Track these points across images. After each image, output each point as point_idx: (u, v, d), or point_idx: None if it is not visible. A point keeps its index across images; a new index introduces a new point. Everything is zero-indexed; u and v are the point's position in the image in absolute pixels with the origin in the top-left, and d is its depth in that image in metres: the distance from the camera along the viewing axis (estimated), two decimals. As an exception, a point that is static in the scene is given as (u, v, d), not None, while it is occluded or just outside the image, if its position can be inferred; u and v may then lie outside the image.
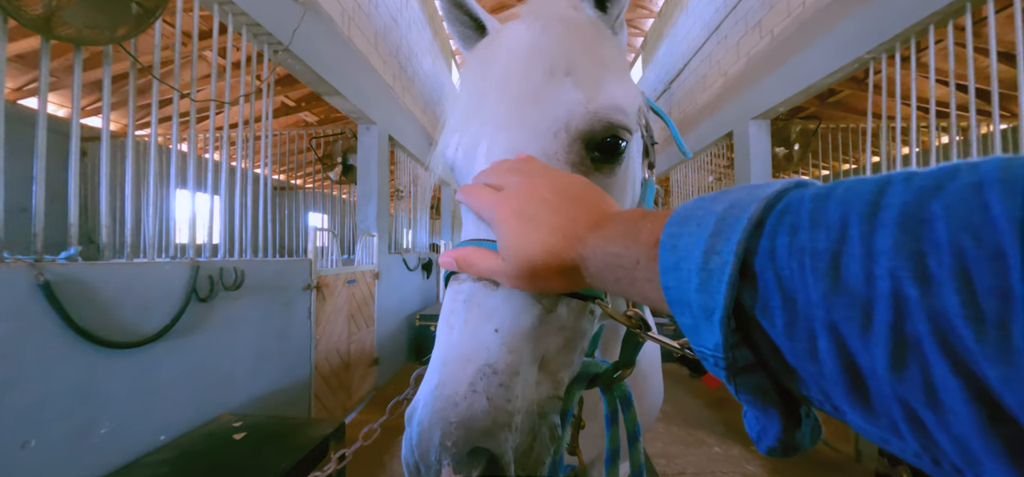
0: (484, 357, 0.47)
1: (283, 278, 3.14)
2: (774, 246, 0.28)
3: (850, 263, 0.25)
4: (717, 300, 0.30)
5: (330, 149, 5.91)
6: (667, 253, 0.34)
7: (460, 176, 0.64)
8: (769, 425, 0.33)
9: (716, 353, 0.32)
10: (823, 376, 0.27)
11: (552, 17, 0.64)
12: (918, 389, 0.22)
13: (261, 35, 2.97)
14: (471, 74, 0.67)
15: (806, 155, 5.49)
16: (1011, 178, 0.21)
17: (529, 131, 0.57)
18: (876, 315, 0.23)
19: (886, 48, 3.20)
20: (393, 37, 5.49)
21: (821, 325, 0.26)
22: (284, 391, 3.12)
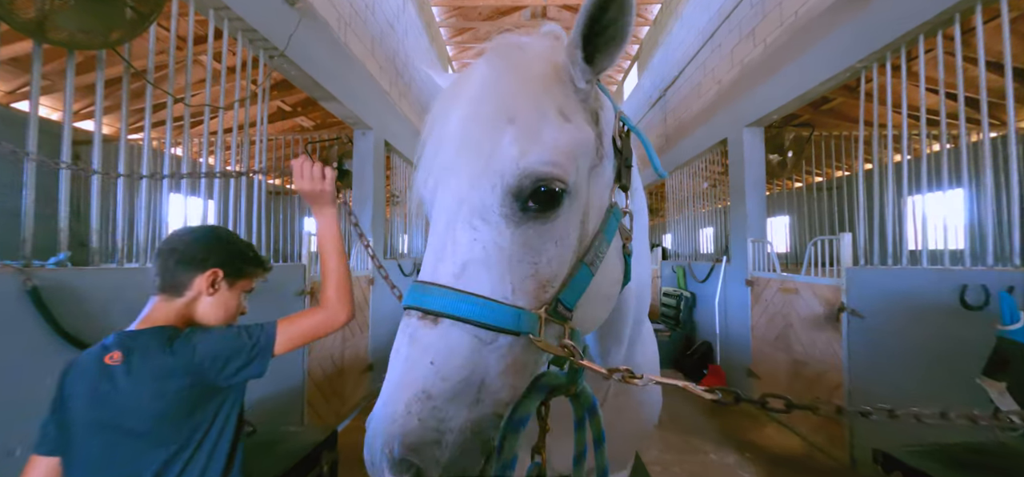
0: (421, 384, 0.56)
1: (277, 283, 3.12)
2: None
3: None
4: None
5: (326, 154, 5.91)
6: None
7: (428, 214, 0.72)
8: None
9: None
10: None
11: (511, 60, 0.68)
12: None
13: (257, 40, 2.97)
14: (437, 112, 0.71)
15: (800, 162, 5.54)
16: None
17: (469, 182, 0.62)
18: None
19: (877, 57, 3.24)
20: (389, 43, 5.50)
21: None
22: (276, 398, 3.09)
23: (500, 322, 0.58)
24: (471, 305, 0.58)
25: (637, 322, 1.06)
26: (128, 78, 2.16)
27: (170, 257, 1.19)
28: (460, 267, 0.61)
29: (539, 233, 0.64)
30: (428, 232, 0.70)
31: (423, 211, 0.74)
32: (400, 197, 6.30)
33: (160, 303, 1.19)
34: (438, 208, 0.65)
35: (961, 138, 2.77)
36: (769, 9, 4.49)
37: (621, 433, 1.22)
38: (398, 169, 6.23)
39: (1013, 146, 2.47)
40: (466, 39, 9.86)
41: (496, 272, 0.61)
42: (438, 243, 0.64)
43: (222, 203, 2.85)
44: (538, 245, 0.64)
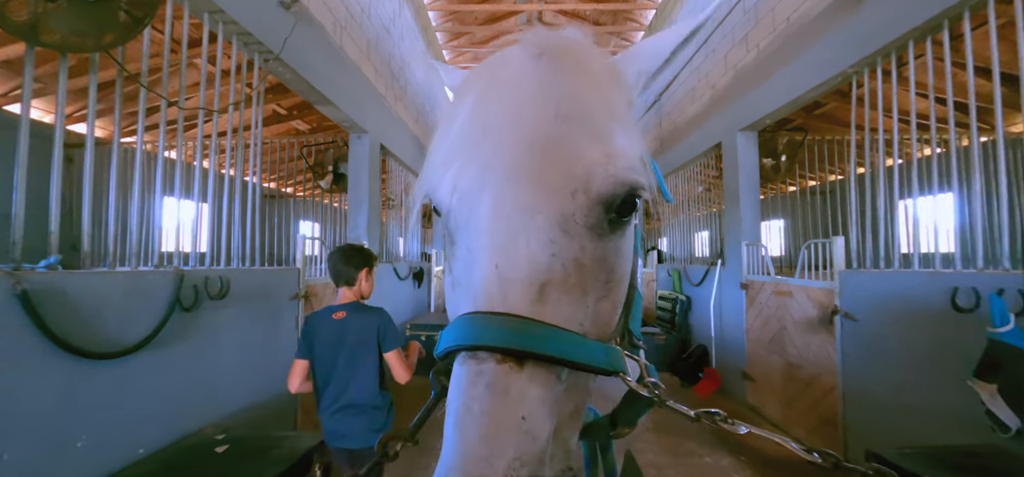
0: (513, 451, 0.43)
1: (270, 287, 3.11)
2: None
3: None
4: None
5: (321, 157, 5.90)
6: None
7: (454, 221, 0.58)
8: None
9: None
10: None
11: (573, 57, 0.59)
12: None
13: (252, 43, 2.97)
14: (467, 103, 0.60)
15: (793, 166, 5.58)
16: None
17: (542, 188, 0.52)
18: None
19: (868, 62, 3.28)
20: (385, 46, 5.51)
21: None
22: (270, 403, 3.07)
23: (594, 361, 0.49)
24: (564, 342, 0.47)
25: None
26: (121, 81, 2.15)
27: (347, 265, 2.23)
28: (537, 291, 0.49)
29: (616, 248, 0.57)
30: (453, 246, 0.58)
31: (446, 222, 0.60)
32: (396, 201, 6.29)
33: (346, 291, 2.24)
34: (488, 217, 0.53)
35: (951, 142, 2.81)
36: (762, 15, 4.53)
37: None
38: (394, 173, 6.22)
39: (1002, 150, 2.50)
40: (462, 43, 9.88)
41: (576, 295, 0.52)
42: (497, 260, 0.50)
43: (216, 206, 2.83)
44: (613, 262, 0.57)
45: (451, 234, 0.58)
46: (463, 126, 0.59)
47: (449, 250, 0.61)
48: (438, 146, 0.62)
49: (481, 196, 0.54)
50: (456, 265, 0.57)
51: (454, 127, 0.60)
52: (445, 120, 0.64)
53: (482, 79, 0.63)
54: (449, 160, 0.59)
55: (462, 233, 0.55)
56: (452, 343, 0.48)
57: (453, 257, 0.59)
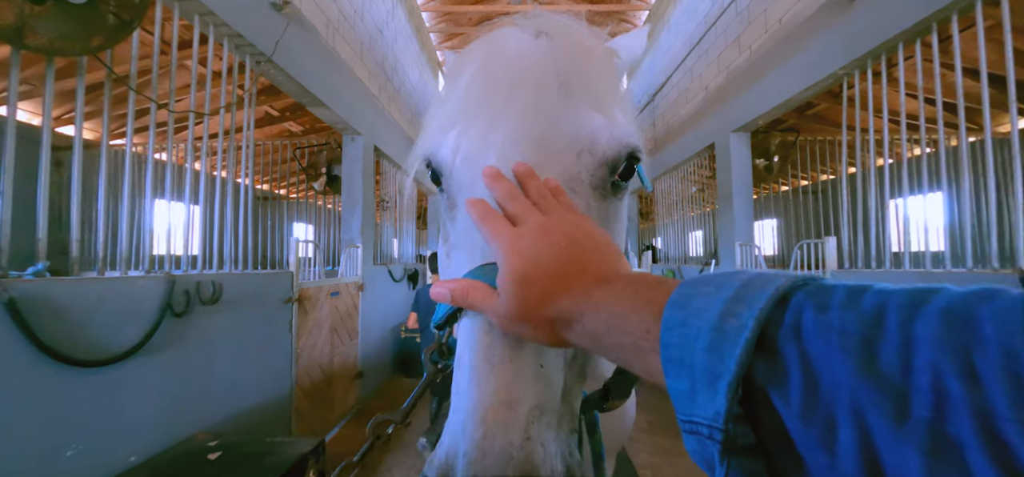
0: (533, 398, 0.42)
1: (263, 291, 3.08)
2: (800, 320, 0.26)
3: (885, 349, 0.22)
4: (727, 364, 0.27)
5: (314, 159, 5.86)
6: (674, 309, 0.32)
7: (456, 183, 0.58)
8: None
9: (714, 424, 0.28)
10: (837, 472, 0.23)
11: (563, 34, 0.62)
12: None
13: (243, 45, 2.94)
14: (467, 73, 0.62)
15: (785, 166, 5.62)
16: None
17: (547, 148, 0.54)
18: (914, 409, 0.21)
19: (859, 64, 3.31)
20: (379, 48, 5.49)
21: (845, 410, 0.23)
22: (263, 408, 3.04)
23: None
24: None
25: None
26: (110, 84, 2.13)
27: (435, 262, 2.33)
28: None
29: (616, 212, 0.60)
30: (453, 209, 0.58)
31: (448, 184, 0.60)
32: (390, 202, 6.27)
33: (435, 276, 2.18)
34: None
35: (940, 142, 2.84)
36: (754, 16, 4.56)
37: (610, 441, 1.23)
38: (388, 175, 6.20)
39: (989, 151, 2.54)
40: (456, 44, 9.87)
41: None
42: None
43: (208, 209, 2.81)
44: (614, 225, 0.59)
45: (452, 196, 0.59)
46: (463, 94, 0.60)
47: (447, 213, 0.61)
48: (436, 113, 0.64)
49: (485, 158, 0.54)
50: (456, 227, 0.57)
51: (453, 95, 0.62)
52: (443, 91, 0.65)
53: (481, 53, 0.64)
54: (448, 124, 0.60)
55: (466, 193, 0.56)
56: (439, 302, 0.48)
57: (452, 220, 0.59)
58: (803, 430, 0.25)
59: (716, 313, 0.29)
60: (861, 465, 0.22)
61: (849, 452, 0.23)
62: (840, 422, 0.23)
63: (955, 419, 0.20)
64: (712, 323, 0.29)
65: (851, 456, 0.22)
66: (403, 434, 3.89)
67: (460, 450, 0.41)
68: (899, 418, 0.21)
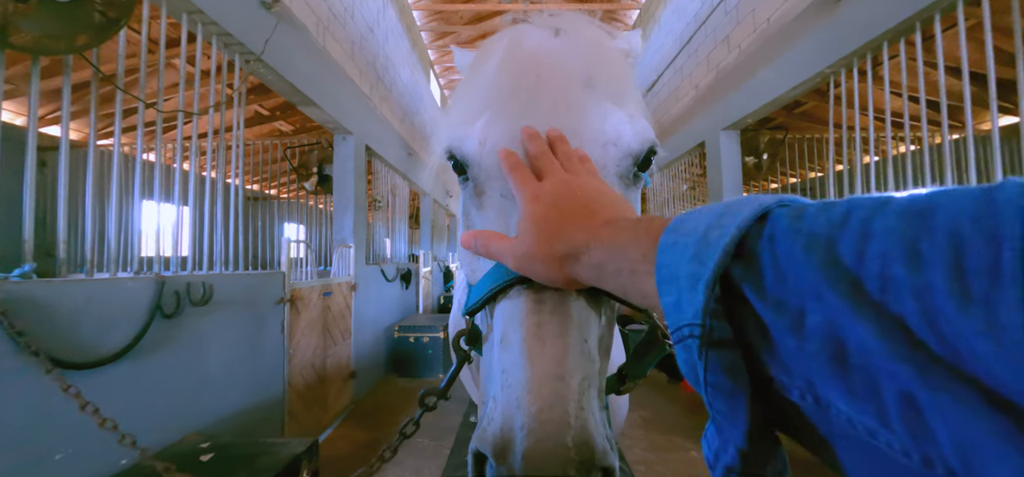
0: (582, 372, 0.45)
1: (255, 292, 3.06)
2: (774, 230, 0.29)
3: (844, 243, 0.25)
4: (708, 266, 0.30)
5: (305, 159, 5.82)
6: (668, 234, 0.34)
7: (484, 172, 0.60)
8: (731, 431, 0.30)
9: (693, 321, 0.30)
10: (805, 352, 0.26)
11: (580, 31, 0.65)
12: (909, 364, 0.22)
13: (232, 44, 2.92)
14: (488, 68, 0.64)
15: (775, 164, 5.68)
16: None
17: (576, 139, 0.57)
18: (866, 290, 0.23)
19: (845, 63, 3.36)
20: (370, 47, 5.47)
21: (811, 298, 0.25)
22: (256, 409, 3.03)
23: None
24: None
25: None
26: (97, 83, 2.10)
27: None
28: None
29: (635, 200, 0.63)
30: (480, 196, 0.60)
31: (475, 173, 0.61)
32: (382, 202, 6.24)
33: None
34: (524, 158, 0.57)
35: (924, 140, 2.90)
36: (743, 16, 4.61)
37: None
38: (380, 174, 6.17)
39: (971, 148, 2.59)
40: (447, 43, 9.84)
41: None
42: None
43: (197, 209, 2.78)
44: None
45: (480, 185, 0.60)
46: (486, 88, 0.62)
47: (472, 202, 0.62)
48: (457, 105, 0.66)
49: (517, 148, 0.56)
50: (483, 214, 0.59)
51: (475, 87, 0.64)
52: (463, 84, 0.67)
53: (502, 48, 0.66)
54: (472, 115, 0.61)
55: (495, 182, 0.58)
56: (505, 278, 0.50)
57: (479, 207, 0.61)
58: (775, 318, 0.27)
59: (703, 227, 0.32)
60: (824, 343, 0.25)
61: (815, 333, 0.25)
62: (807, 310, 0.26)
63: (898, 298, 0.22)
64: (698, 236, 0.32)
65: (816, 336, 0.25)
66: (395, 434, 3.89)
67: (517, 423, 0.42)
68: (855, 301, 0.23)
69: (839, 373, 0.24)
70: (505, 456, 0.42)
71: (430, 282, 8.50)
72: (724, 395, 0.30)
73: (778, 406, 0.29)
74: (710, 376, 0.30)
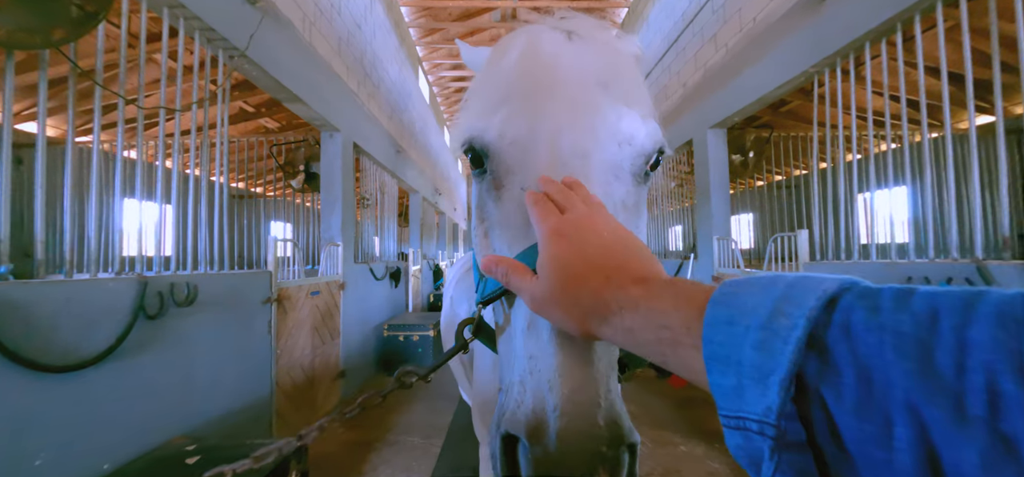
0: (606, 358, 0.48)
1: (241, 292, 3.01)
2: (849, 320, 0.27)
3: (940, 350, 0.23)
4: (779, 361, 0.28)
5: (292, 156, 5.75)
6: (718, 307, 0.32)
7: (503, 165, 0.61)
8: None
9: (764, 419, 0.28)
10: (893, 469, 0.24)
11: (593, 35, 0.67)
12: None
13: (215, 39, 2.86)
14: (506, 63, 0.66)
15: (760, 162, 5.77)
16: None
17: (594, 138, 0.59)
18: (969, 408, 0.21)
19: (829, 62, 3.42)
20: (357, 43, 5.41)
21: (901, 408, 0.23)
22: (243, 410, 2.98)
23: None
24: None
25: None
26: (74, 78, 2.04)
27: None
28: None
29: (643, 198, 0.66)
30: (499, 189, 0.61)
31: (494, 165, 0.62)
32: (370, 200, 6.19)
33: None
34: (547, 160, 0.58)
35: (904, 138, 2.96)
36: (730, 15, 4.66)
37: None
38: (368, 172, 6.12)
39: (949, 146, 2.66)
40: (436, 40, 9.78)
41: None
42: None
43: (181, 208, 2.73)
44: (642, 209, 0.65)
45: (498, 177, 0.61)
46: (504, 84, 0.64)
47: (489, 194, 0.63)
48: (474, 99, 0.67)
49: (535, 143, 0.58)
50: (501, 207, 0.60)
51: (492, 84, 0.66)
52: (480, 79, 0.69)
53: (518, 46, 0.67)
54: (490, 110, 0.63)
55: (514, 175, 0.59)
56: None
57: (497, 200, 0.61)
58: (857, 426, 0.25)
59: (766, 312, 0.30)
60: (919, 460, 0.23)
61: (906, 447, 0.23)
62: (895, 420, 0.24)
63: (1009, 417, 0.20)
64: (762, 321, 0.30)
65: (909, 451, 0.23)
66: (390, 433, 3.86)
67: (549, 404, 0.44)
68: (956, 417, 0.22)
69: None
70: (539, 436, 0.44)
71: (420, 280, 8.47)
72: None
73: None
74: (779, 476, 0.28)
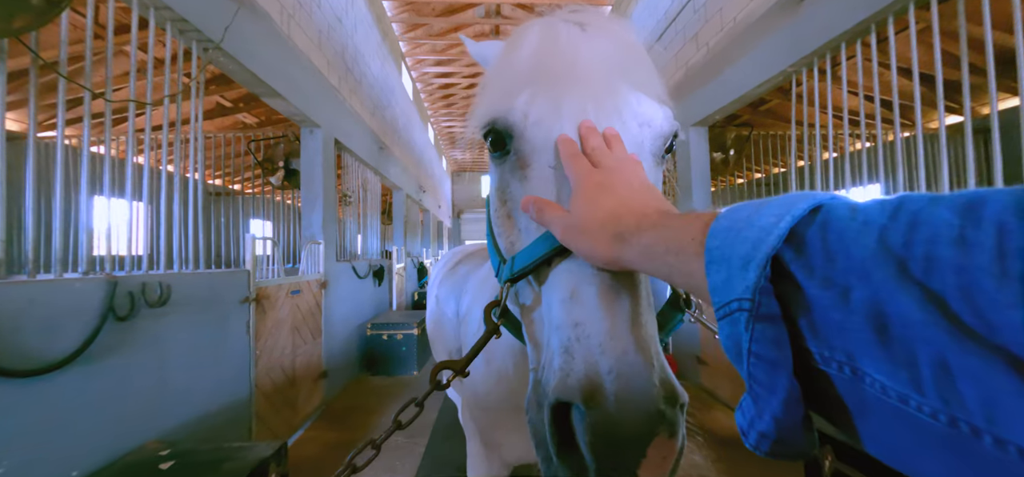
0: (652, 322, 0.51)
1: (217, 291, 2.93)
2: (828, 218, 0.31)
3: (894, 230, 0.27)
4: (760, 249, 0.32)
5: (271, 153, 5.62)
6: (720, 220, 0.37)
7: (528, 144, 0.63)
8: (769, 400, 0.32)
9: (743, 296, 0.32)
10: (848, 326, 0.28)
11: (607, 27, 0.70)
12: (945, 334, 0.24)
13: (188, 31, 2.77)
14: (525, 50, 0.68)
15: (741, 160, 5.87)
16: None
17: (617, 117, 0.62)
18: (910, 270, 0.25)
19: (806, 62, 3.49)
20: (338, 37, 5.31)
21: (857, 276, 0.28)
22: (220, 413, 2.91)
23: None
24: None
25: None
26: (37, 70, 1.95)
27: None
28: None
29: (659, 179, 0.69)
30: (525, 168, 0.63)
31: (518, 144, 0.64)
32: (352, 197, 6.10)
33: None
34: (570, 133, 0.60)
35: (878, 138, 3.04)
36: (711, 14, 4.72)
37: None
38: (350, 168, 6.02)
39: (920, 146, 2.74)
40: (419, 35, 9.67)
41: None
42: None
43: (153, 206, 2.64)
44: (659, 189, 0.69)
45: (523, 156, 0.63)
46: (525, 69, 0.65)
47: (513, 174, 0.64)
48: (493, 85, 0.69)
49: (560, 123, 0.60)
50: (527, 186, 0.62)
51: (511, 70, 0.67)
52: (497, 67, 0.71)
53: (533, 38, 0.69)
54: (512, 92, 0.64)
55: (540, 154, 0.61)
56: (557, 244, 0.53)
57: (523, 179, 0.63)
58: (821, 294, 0.30)
59: (756, 215, 0.34)
60: (868, 317, 0.27)
61: (859, 308, 0.27)
62: (853, 285, 0.28)
63: (939, 275, 0.24)
64: (750, 223, 0.34)
65: (861, 311, 0.27)
66: (372, 433, 3.82)
67: (603, 367, 0.45)
68: (900, 279, 0.26)
69: (880, 344, 0.27)
70: (597, 400, 0.44)
71: (404, 278, 8.39)
72: (765, 365, 0.32)
73: (810, 380, 0.32)
74: (755, 347, 0.32)
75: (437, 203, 15.61)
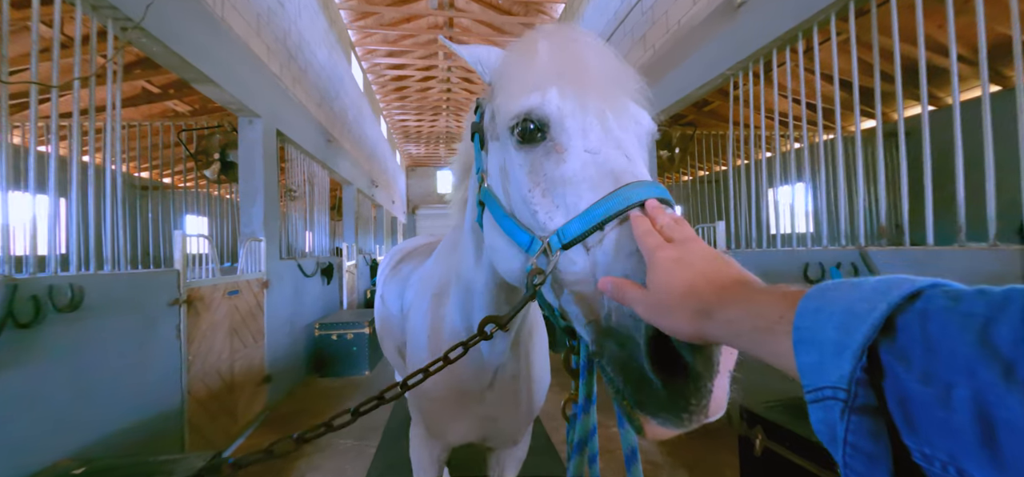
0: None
1: (141, 293, 2.70)
2: (928, 307, 0.30)
3: (1003, 325, 0.26)
4: (855, 337, 0.32)
5: (205, 144, 5.24)
6: (810, 300, 0.37)
7: (566, 133, 0.71)
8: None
9: (838, 385, 0.32)
10: (951, 425, 0.27)
11: (603, 45, 0.81)
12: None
13: (103, 8, 2.51)
14: (545, 53, 0.77)
15: (685, 158, 6.14)
16: None
17: (628, 116, 0.74)
18: (1017, 375, 0.25)
19: (743, 66, 3.70)
20: (279, 22, 5.03)
21: (961, 373, 0.27)
22: (147, 423, 2.69)
23: None
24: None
25: None
26: (-91, 44, 1.70)
27: None
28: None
29: (652, 172, 0.78)
30: (561, 151, 0.71)
31: (556, 133, 0.72)
32: (297, 192, 5.81)
33: None
34: (602, 129, 0.70)
35: (804, 139, 3.28)
36: (657, 16, 4.89)
37: (524, 412, 1.31)
38: (295, 161, 5.74)
39: (839, 147, 2.98)
40: (370, 24, 9.34)
41: None
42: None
43: (60, 200, 2.38)
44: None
45: (561, 143, 0.71)
46: (548, 71, 0.74)
47: (548, 157, 0.71)
48: (512, 85, 0.76)
49: (587, 116, 0.70)
50: (565, 167, 0.69)
51: (532, 69, 0.75)
52: (515, 67, 0.79)
53: (550, 43, 0.79)
54: (538, 86, 0.73)
55: (577, 139, 0.70)
56: (625, 201, 0.60)
57: (560, 161, 0.69)
58: (921, 390, 0.29)
59: (850, 300, 0.34)
60: (973, 417, 0.26)
61: (963, 406, 0.27)
62: (955, 383, 0.27)
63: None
64: (845, 307, 0.34)
65: (965, 409, 0.26)
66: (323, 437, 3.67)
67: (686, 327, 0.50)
68: (1007, 382, 0.25)
69: (986, 449, 0.26)
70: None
71: (355, 276, 8.13)
72: (863, 458, 0.32)
73: (908, 474, 0.31)
74: (851, 437, 0.32)
75: (391, 199, 15.22)
